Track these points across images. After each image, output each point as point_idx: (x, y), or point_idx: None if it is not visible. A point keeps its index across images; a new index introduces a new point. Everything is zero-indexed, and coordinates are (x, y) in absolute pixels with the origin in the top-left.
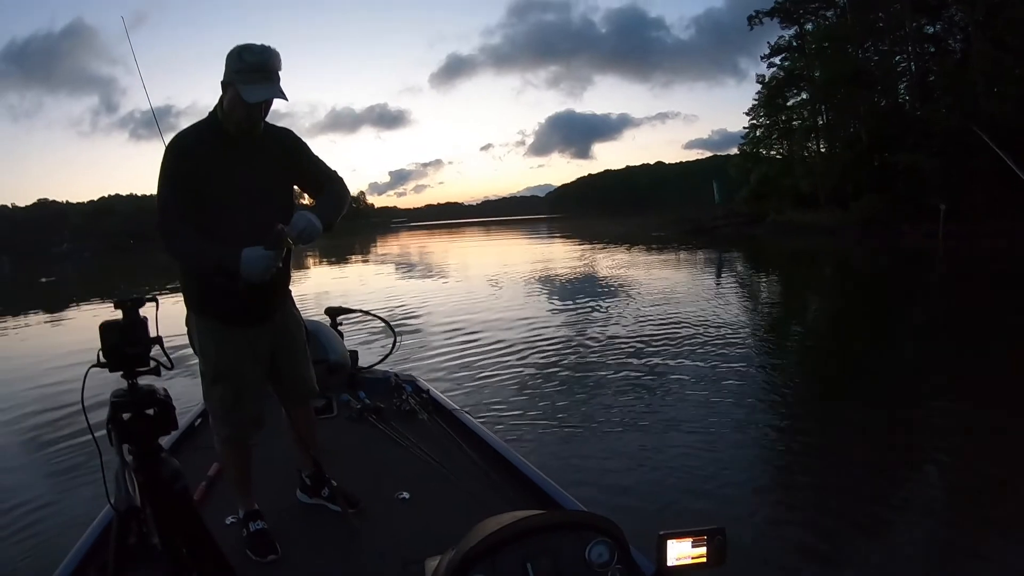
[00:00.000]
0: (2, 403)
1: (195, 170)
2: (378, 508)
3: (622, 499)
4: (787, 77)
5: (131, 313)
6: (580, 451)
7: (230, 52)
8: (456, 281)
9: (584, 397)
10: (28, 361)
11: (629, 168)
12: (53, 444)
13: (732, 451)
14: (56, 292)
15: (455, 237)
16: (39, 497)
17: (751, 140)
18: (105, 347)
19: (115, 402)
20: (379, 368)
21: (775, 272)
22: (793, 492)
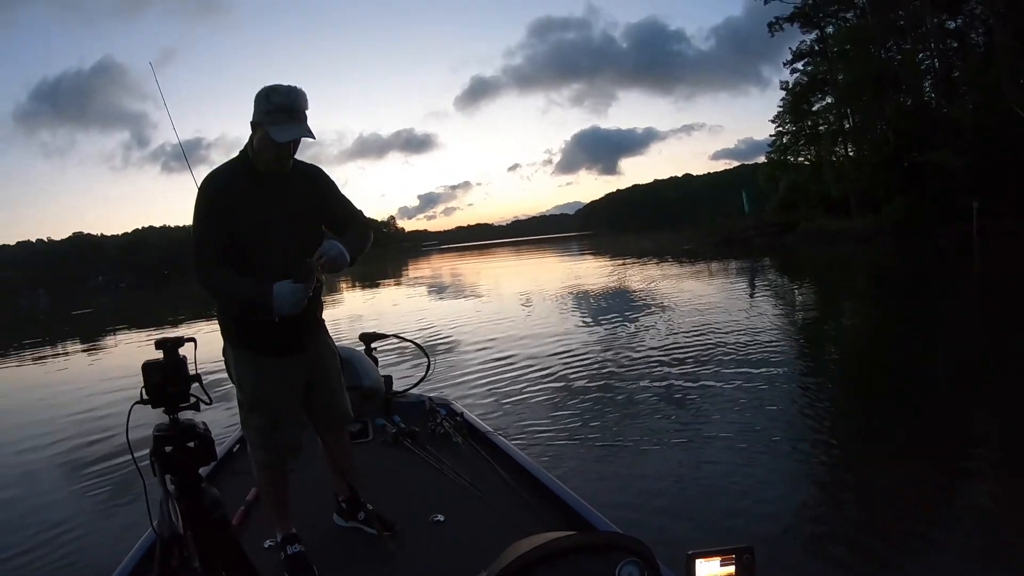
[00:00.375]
0: (47, 432)
1: (228, 208)
2: (413, 531)
3: (653, 518)
4: (811, 82)
5: (171, 353)
6: (612, 469)
7: (258, 93)
8: (487, 302)
9: (616, 415)
10: (68, 389)
11: (657, 182)
12: (95, 472)
13: (764, 468)
14: (92, 324)
15: (486, 258)
16: (81, 521)
17: (778, 148)
18: (148, 385)
19: (158, 436)
20: (413, 392)
21: (808, 282)
22: (827, 510)
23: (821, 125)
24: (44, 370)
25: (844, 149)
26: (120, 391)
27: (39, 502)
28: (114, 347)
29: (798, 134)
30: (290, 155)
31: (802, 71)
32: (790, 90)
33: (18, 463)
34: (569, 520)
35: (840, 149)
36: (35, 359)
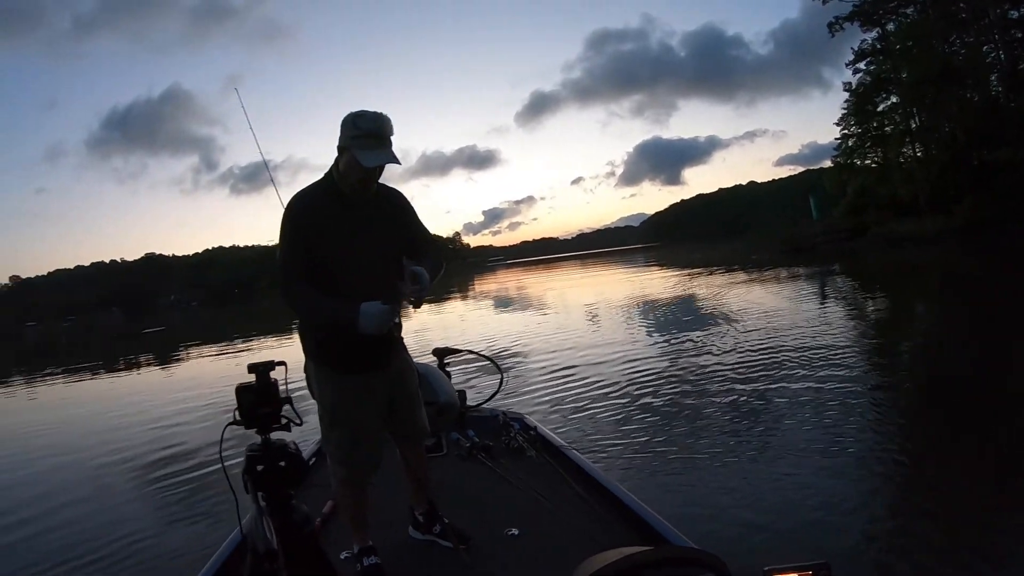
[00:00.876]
0: (136, 444)
1: (314, 228)
2: (488, 545)
3: (725, 531)
4: (874, 82)
5: (263, 376)
6: (682, 482)
7: (345, 119)
8: (554, 315)
9: (685, 427)
10: (155, 402)
11: (722, 191)
12: (176, 482)
13: (836, 482)
14: (165, 341)
15: (551, 272)
16: (163, 527)
17: (844, 151)
18: (241, 408)
19: (250, 456)
20: (487, 407)
21: (879, 288)
22: (900, 526)
23: (887, 126)
24: (125, 384)
25: (912, 150)
26: (202, 406)
27: (124, 509)
28: (188, 363)
29: (864, 136)
30: (375, 179)
31: (865, 71)
32: (853, 91)
33: (104, 472)
34: (644, 534)
35: (907, 150)
36: (114, 374)
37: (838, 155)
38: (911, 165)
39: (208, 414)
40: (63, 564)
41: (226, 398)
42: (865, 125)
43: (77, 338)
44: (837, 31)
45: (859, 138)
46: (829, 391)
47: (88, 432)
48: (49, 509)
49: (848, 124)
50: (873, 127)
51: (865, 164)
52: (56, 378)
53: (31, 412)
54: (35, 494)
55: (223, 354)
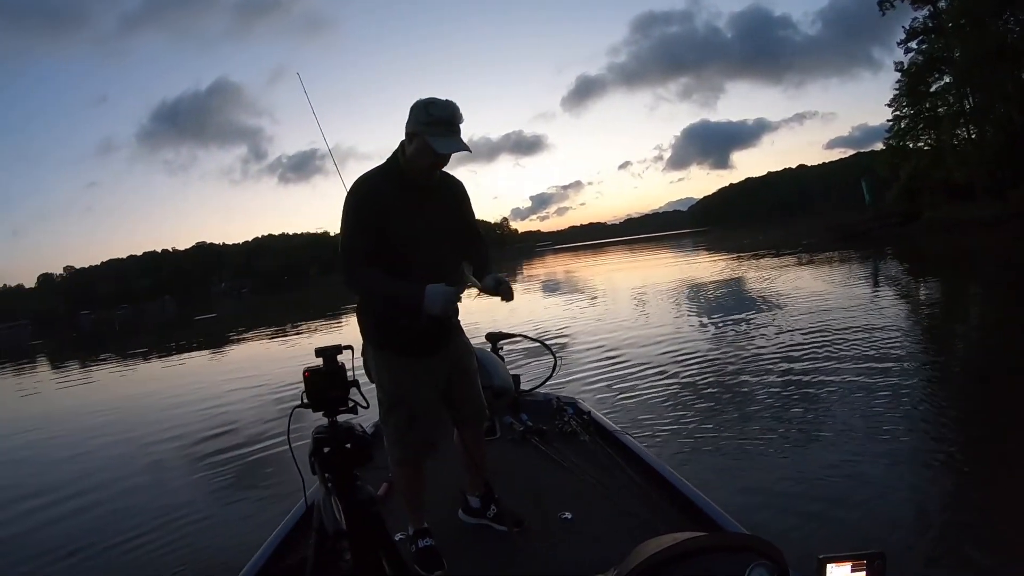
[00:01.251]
0: (200, 427)
1: (379, 211)
2: (541, 528)
3: (779, 518)
4: (927, 61)
5: (331, 360)
6: (735, 469)
7: (416, 105)
8: (603, 300)
9: (736, 414)
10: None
11: (771, 174)
12: (242, 460)
13: (892, 472)
14: (216, 328)
15: (600, 257)
16: (224, 503)
17: (896, 133)
18: (309, 391)
19: (318, 438)
20: (540, 391)
21: (935, 276)
22: (957, 519)
23: (940, 107)
24: (179, 370)
25: (966, 132)
26: (257, 390)
27: (186, 485)
28: (241, 349)
29: (916, 118)
30: (443, 166)
31: (916, 50)
32: (905, 71)
33: (164, 452)
34: (697, 520)
35: (962, 132)
36: (168, 360)
37: (890, 137)
38: (965, 148)
39: (264, 397)
40: (131, 533)
41: (280, 382)
42: (917, 106)
43: (130, 326)
44: (888, 9)
45: (911, 120)
46: (881, 378)
47: (148, 414)
48: (117, 484)
49: (900, 105)
50: (926, 108)
51: (918, 147)
52: (111, 364)
53: (91, 394)
54: (104, 469)
55: (276, 340)
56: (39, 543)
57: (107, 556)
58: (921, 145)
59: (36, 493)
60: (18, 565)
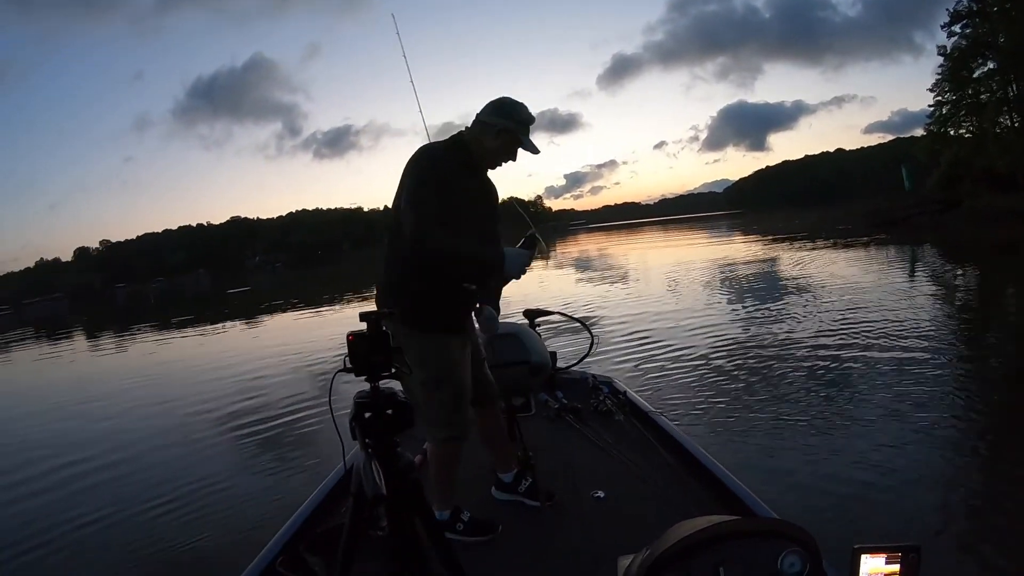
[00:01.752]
0: (238, 395)
1: (446, 181)
2: (573, 505)
3: (813, 504)
4: (971, 46)
5: (375, 325)
6: (769, 454)
7: (504, 103)
8: (636, 281)
9: (770, 397)
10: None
11: (808, 157)
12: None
13: (925, 464)
14: (254, 300)
15: (634, 237)
16: (254, 488)
17: (937, 119)
18: (352, 355)
19: (359, 403)
20: (576, 369)
21: (975, 267)
22: (994, 512)
23: (983, 93)
24: (215, 341)
25: (1010, 120)
26: (291, 360)
27: (225, 451)
28: (275, 321)
29: (958, 104)
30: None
31: (960, 34)
32: (948, 56)
33: (204, 419)
34: (730, 505)
35: (1005, 119)
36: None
37: (931, 123)
38: (1008, 136)
39: (298, 367)
40: (167, 496)
41: (313, 353)
42: (960, 92)
43: (165, 299)
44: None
45: (953, 106)
46: (917, 367)
47: (184, 383)
48: (139, 470)
49: (942, 91)
50: (968, 94)
51: (959, 134)
52: (144, 335)
53: (124, 364)
54: (142, 436)
55: (308, 312)
56: (90, 500)
57: (145, 518)
58: (963, 132)
59: (77, 454)
60: (54, 528)
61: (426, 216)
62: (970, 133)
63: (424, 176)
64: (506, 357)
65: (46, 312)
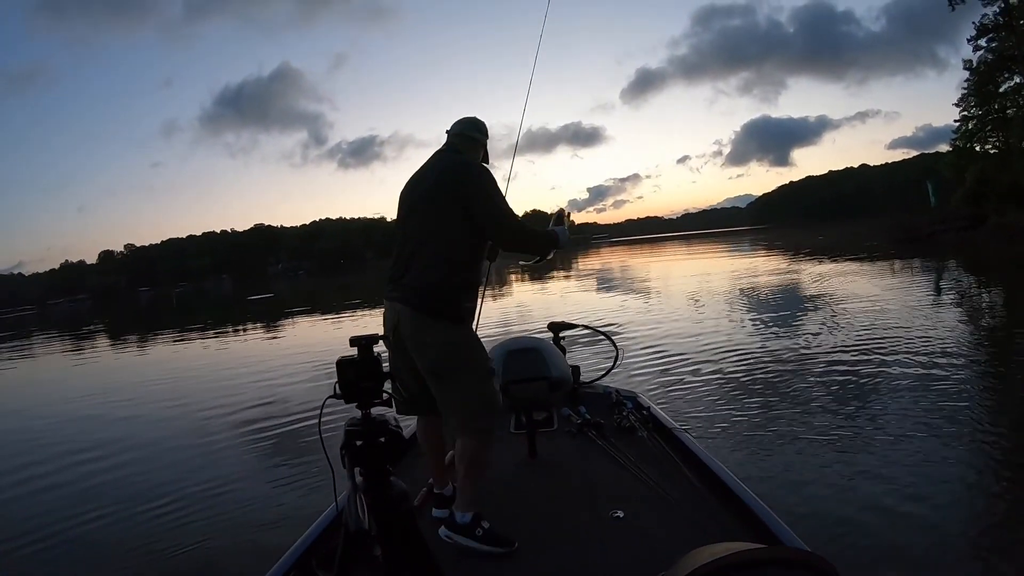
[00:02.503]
0: (244, 409)
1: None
2: (592, 524)
3: (838, 533)
4: (997, 60)
5: (366, 350)
6: (793, 474)
7: (474, 120)
8: (658, 296)
9: (797, 416)
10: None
11: (832, 173)
12: (278, 451)
13: (952, 493)
14: (274, 308)
15: (657, 252)
16: (261, 494)
17: (963, 134)
18: (341, 381)
19: (350, 430)
20: (600, 383)
21: (1001, 284)
22: (1012, 544)
23: (1009, 108)
24: (231, 349)
25: None
26: (306, 372)
27: (223, 474)
28: (294, 330)
29: (984, 119)
30: None
31: (986, 48)
32: (974, 70)
33: (205, 435)
34: (754, 529)
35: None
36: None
37: (957, 139)
38: None
39: (313, 381)
40: (164, 522)
41: (327, 367)
42: (986, 107)
43: (187, 303)
44: (958, 5)
45: (979, 121)
46: (943, 384)
47: (196, 389)
48: (153, 469)
49: (968, 105)
50: (994, 109)
51: (985, 149)
52: (162, 338)
53: (143, 368)
54: (146, 451)
55: (327, 320)
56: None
57: (151, 520)
58: (988, 147)
59: (82, 454)
60: (56, 524)
61: (510, 214)
62: (996, 149)
63: (495, 186)
64: (526, 372)
65: (70, 312)
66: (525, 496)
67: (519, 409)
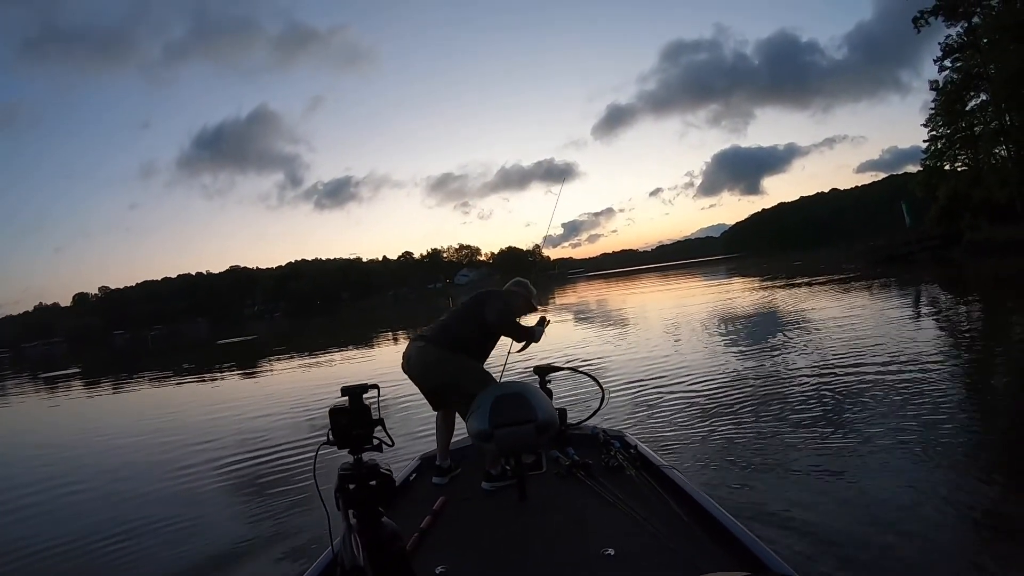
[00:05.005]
0: (231, 456)
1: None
2: (583, 563)
3: (823, 558)
4: (963, 79)
5: (356, 399)
6: (782, 502)
7: (522, 280)
8: (636, 329)
9: (783, 444)
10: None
11: (803, 199)
12: (272, 495)
13: (941, 516)
14: (249, 351)
15: (632, 285)
16: (257, 540)
17: (933, 153)
18: (334, 429)
19: (343, 475)
20: (587, 424)
21: (980, 302)
22: (1006, 565)
23: (976, 125)
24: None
25: (1006, 150)
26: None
27: (214, 521)
28: (271, 375)
29: (952, 137)
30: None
31: (951, 68)
32: (941, 90)
33: (194, 483)
34: (743, 560)
35: (1001, 150)
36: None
37: (926, 158)
38: (1005, 166)
39: (298, 425)
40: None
41: (311, 411)
42: (954, 125)
43: (161, 347)
44: (923, 25)
45: (948, 140)
46: (925, 404)
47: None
48: (140, 518)
49: (936, 125)
50: (962, 127)
51: (955, 167)
52: (139, 384)
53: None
54: (125, 502)
55: (306, 366)
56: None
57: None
58: (958, 165)
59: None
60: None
61: (513, 313)
62: (965, 166)
63: (521, 298)
64: (513, 416)
65: (45, 355)
66: (517, 538)
67: (507, 453)
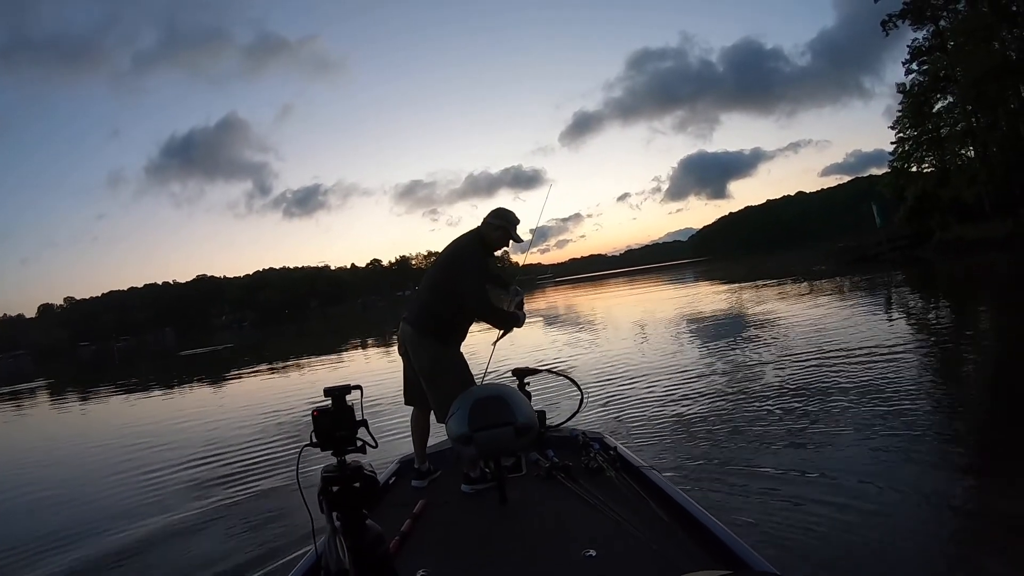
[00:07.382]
0: (209, 462)
1: (484, 268)
2: (564, 565)
3: (802, 554)
4: (930, 81)
5: (339, 400)
6: (761, 500)
7: (500, 210)
8: (607, 333)
9: (761, 443)
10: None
11: (770, 202)
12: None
13: (917, 509)
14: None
15: (600, 289)
16: (240, 542)
17: (900, 155)
18: (317, 430)
19: (326, 476)
20: (567, 426)
21: (951, 299)
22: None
23: (943, 127)
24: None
25: (973, 151)
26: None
27: (198, 525)
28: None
29: (919, 139)
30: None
31: (918, 71)
32: (908, 92)
33: (175, 489)
34: (725, 558)
35: (967, 151)
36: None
37: (894, 160)
38: (974, 166)
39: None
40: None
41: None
42: (920, 127)
43: (129, 358)
44: (891, 29)
45: (915, 141)
46: (901, 402)
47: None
48: (122, 525)
49: (903, 127)
50: (928, 129)
51: (922, 168)
52: (108, 396)
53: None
54: (105, 511)
55: (275, 374)
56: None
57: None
58: (925, 166)
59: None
60: None
61: (483, 291)
62: (932, 167)
63: (478, 265)
64: (492, 419)
65: (10, 369)
66: (498, 542)
67: (487, 456)
